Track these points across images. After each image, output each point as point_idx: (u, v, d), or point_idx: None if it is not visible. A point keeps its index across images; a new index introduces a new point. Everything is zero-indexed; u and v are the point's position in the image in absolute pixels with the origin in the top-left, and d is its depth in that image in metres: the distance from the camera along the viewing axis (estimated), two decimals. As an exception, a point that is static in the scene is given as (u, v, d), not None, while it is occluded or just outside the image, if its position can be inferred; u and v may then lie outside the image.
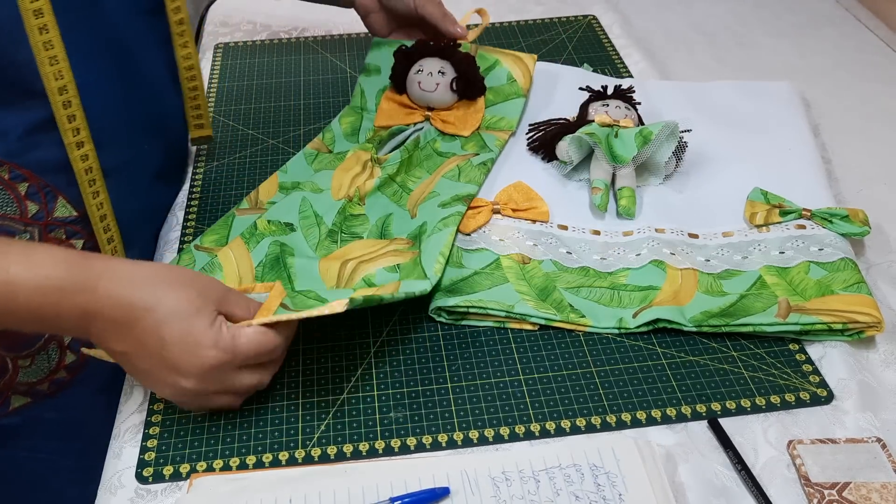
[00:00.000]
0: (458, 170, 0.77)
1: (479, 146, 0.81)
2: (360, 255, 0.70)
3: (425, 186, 0.76)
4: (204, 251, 0.70)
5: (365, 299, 0.57)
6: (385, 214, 0.74)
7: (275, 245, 0.70)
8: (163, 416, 0.59)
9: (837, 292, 0.64)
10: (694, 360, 0.62)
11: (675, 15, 1.08)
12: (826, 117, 0.87)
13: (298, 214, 0.73)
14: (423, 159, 0.80)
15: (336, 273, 0.68)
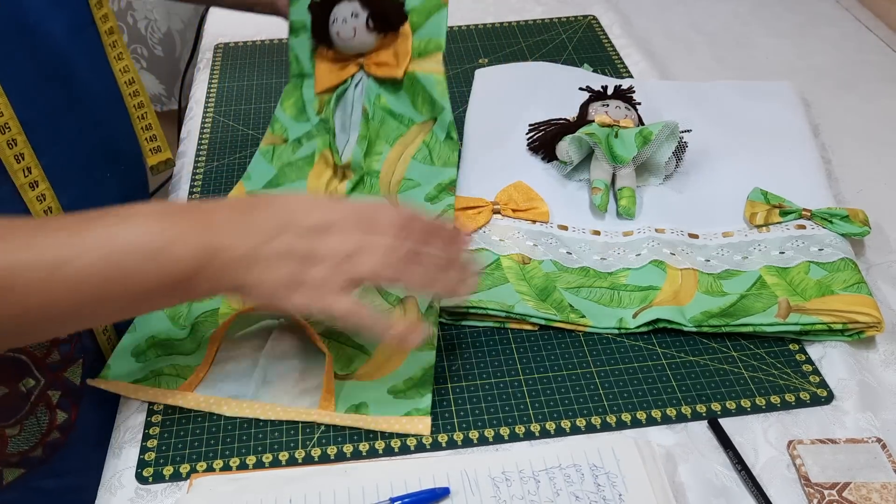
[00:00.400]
0: (427, 149, 0.77)
1: (425, 100, 0.78)
2: None
3: (393, 165, 0.76)
4: None
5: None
6: None
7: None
8: (163, 416, 0.59)
9: (837, 292, 0.64)
10: (694, 361, 0.62)
11: (675, 15, 1.08)
12: (826, 117, 0.87)
13: None
14: (378, 128, 0.79)
15: None
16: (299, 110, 0.83)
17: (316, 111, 0.81)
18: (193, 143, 0.86)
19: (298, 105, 0.83)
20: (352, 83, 0.81)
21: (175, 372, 0.61)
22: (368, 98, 0.80)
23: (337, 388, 0.59)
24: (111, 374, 0.61)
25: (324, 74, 0.81)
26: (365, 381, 0.60)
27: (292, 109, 0.83)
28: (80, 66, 0.64)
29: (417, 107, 0.79)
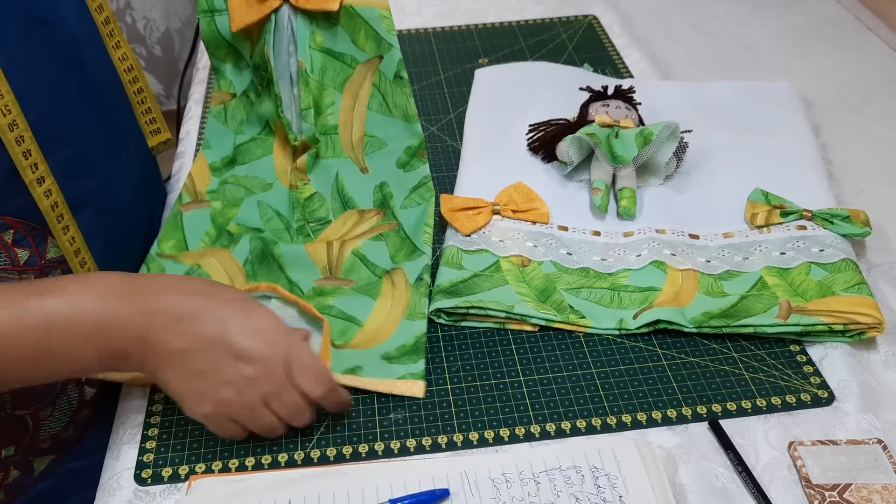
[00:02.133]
0: (379, 94, 0.73)
1: (368, 36, 0.73)
2: (340, 236, 0.70)
3: (349, 117, 0.73)
4: (169, 258, 0.68)
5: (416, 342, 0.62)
6: (332, 177, 0.72)
7: (256, 240, 0.69)
8: (161, 416, 0.59)
9: (838, 293, 0.64)
10: (694, 362, 0.62)
11: (675, 15, 1.08)
12: (827, 117, 0.86)
13: (262, 220, 0.72)
14: (320, 76, 0.73)
15: (325, 254, 0.68)
16: (236, 57, 0.77)
17: (249, 54, 0.76)
18: (192, 143, 0.86)
19: (231, 50, 0.77)
20: (276, 20, 0.73)
21: None
22: (301, 39, 0.73)
23: (332, 357, 0.60)
24: None
25: (239, 9, 0.74)
26: (360, 349, 0.62)
27: (230, 58, 0.77)
28: (90, 53, 0.65)
29: (359, 44, 0.73)
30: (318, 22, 0.73)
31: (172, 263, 0.68)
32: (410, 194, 0.70)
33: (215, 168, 0.74)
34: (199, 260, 0.68)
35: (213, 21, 0.76)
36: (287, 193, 0.73)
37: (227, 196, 0.73)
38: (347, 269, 0.68)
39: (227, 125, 0.75)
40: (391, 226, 0.69)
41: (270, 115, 0.75)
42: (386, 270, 0.67)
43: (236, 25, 0.74)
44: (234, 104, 0.76)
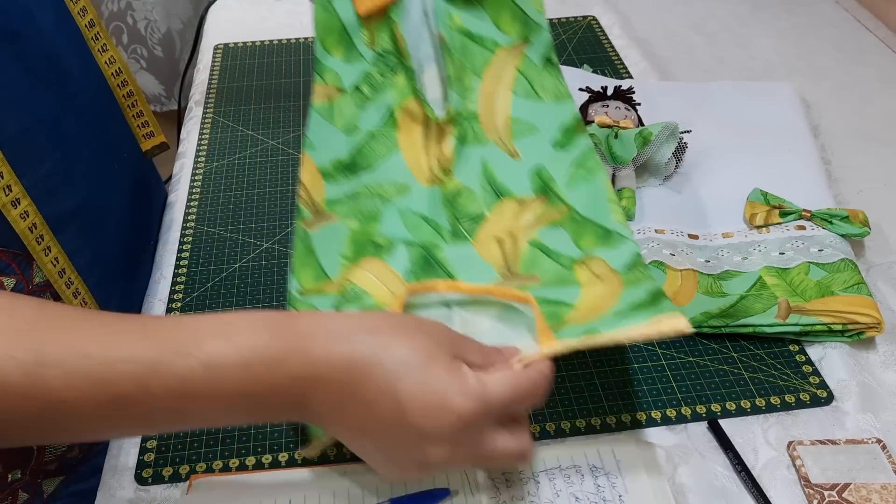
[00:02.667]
0: (525, 80, 0.65)
1: (514, 17, 0.66)
2: (505, 230, 0.60)
3: (490, 103, 0.65)
4: (315, 294, 0.58)
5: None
6: (478, 166, 0.63)
7: (415, 247, 0.59)
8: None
9: (837, 293, 0.64)
10: (694, 361, 0.62)
11: (674, 15, 1.08)
12: (826, 118, 0.87)
13: (408, 231, 0.62)
14: (460, 58, 0.66)
15: (498, 250, 0.59)
16: (347, 46, 0.68)
17: (366, 42, 0.68)
18: (193, 144, 0.86)
19: (343, 39, 0.68)
20: (409, 1, 0.67)
21: None
22: (440, 19, 0.66)
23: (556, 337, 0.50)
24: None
25: None
26: (581, 323, 0.52)
27: (339, 49, 0.68)
28: (70, 62, 0.62)
29: (502, 26, 0.66)
30: (456, 2, 0.66)
31: (321, 298, 0.57)
32: (575, 171, 0.61)
33: (327, 173, 0.64)
34: (353, 277, 0.58)
35: (331, 3, 0.68)
36: (428, 192, 0.63)
37: (363, 211, 0.63)
38: (528, 263, 0.58)
39: (335, 122, 0.66)
40: (560, 212, 0.60)
41: (396, 102, 0.66)
42: (575, 259, 0.57)
43: (364, 7, 0.67)
44: (344, 99, 0.67)
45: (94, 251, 0.63)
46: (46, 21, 0.59)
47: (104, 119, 0.67)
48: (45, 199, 0.57)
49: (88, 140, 0.63)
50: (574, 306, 0.53)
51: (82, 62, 0.64)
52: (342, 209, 0.63)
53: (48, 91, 0.59)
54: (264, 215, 0.76)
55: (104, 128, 0.66)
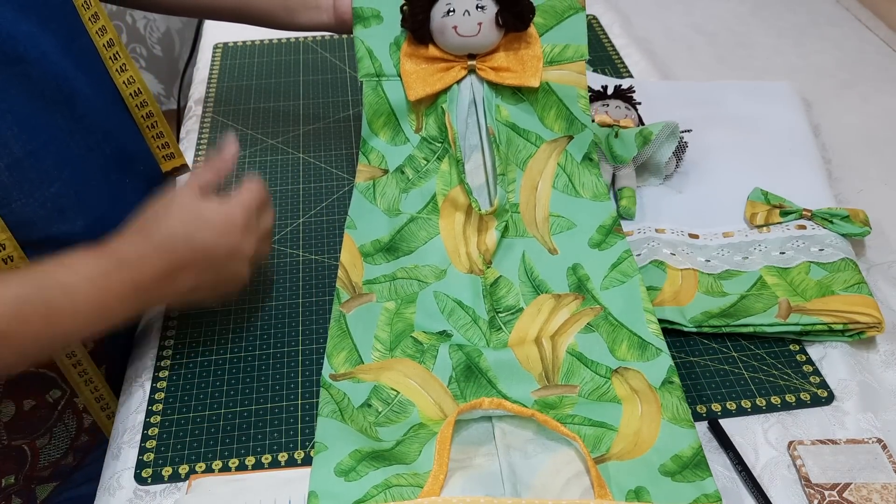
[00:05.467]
0: (565, 175, 0.68)
1: (560, 115, 0.69)
2: (541, 330, 0.62)
3: (531, 196, 0.67)
4: (346, 379, 0.59)
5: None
6: (518, 258, 0.66)
7: (457, 352, 0.60)
8: (162, 416, 0.59)
9: (838, 293, 0.64)
10: (694, 361, 0.62)
11: (675, 15, 1.08)
12: (826, 117, 0.86)
13: (444, 315, 0.63)
14: (505, 150, 0.68)
15: (538, 357, 0.60)
16: (394, 128, 0.70)
17: (413, 126, 0.70)
18: (193, 143, 0.86)
19: (391, 121, 0.70)
20: (459, 91, 0.69)
21: (407, 481, 0.52)
22: (488, 111, 0.68)
23: (604, 475, 0.53)
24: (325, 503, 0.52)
25: (418, 78, 0.69)
26: (627, 460, 0.54)
27: (386, 131, 0.70)
28: (80, 83, 0.62)
29: (547, 122, 0.69)
30: (504, 96, 0.69)
31: (351, 384, 0.59)
32: (610, 273, 0.63)
33: (367, 253, 0.66)
34: (392, 381, 0.59)
35: (381, 86, 0.70)
36: (466, 279, 0.65)
37: (400, 293, 0.64)
38: (566, 372, 0.59)
39: (376, 203, 0.68)
40: (595, 311, 0.62)
41: (440, 188, 0.68)
42: (612, 369, 0.59)
43: (414, 94, 0.68)
44: (386, 181, 0.69)
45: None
46: (54, 43, 0.59)
47: (118, 139, 0.66)
48: (55, 219, 0.58)
49: (100, 160, 0.63)
50: (617, 431, 0.55)
51: (94, 82, 0.64)
52: (380, 289, 0.65)
53: (55, 113, 0.58)
54: (264, 215, 0.76)
55: (118, 147, 0.66)
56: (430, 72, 0.69)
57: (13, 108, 0.54)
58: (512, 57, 0.68)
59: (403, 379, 0.59)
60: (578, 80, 0.69)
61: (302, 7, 0.75)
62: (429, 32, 0.68)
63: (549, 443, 0.55)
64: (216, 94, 0.93)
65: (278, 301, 0.68)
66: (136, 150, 0.69)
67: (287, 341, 0.64)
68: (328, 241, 0.73)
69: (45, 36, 0.57)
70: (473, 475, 0.53)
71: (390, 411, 0.58)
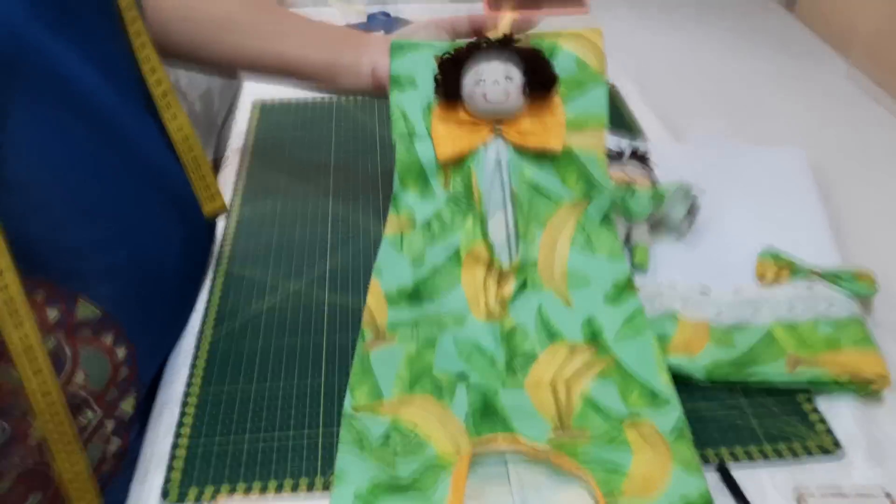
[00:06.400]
0: (584, 233, 0.71)
1: (580, 178, 0.72)
2: (555, 375, 0.65)
3: (550, 253, 0.71)
4: (366, 412, 0.62)
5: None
6: (534, 309, 0.69)
7: (474, 392, 0.63)
8: (189, 439, 0.61)
9: (845, 348, 0.66)
10: (703, 407, 0.64)
11: (691, 85, 1.13)
12: (836, 183, 0.90)
13: (462, 360, 0.66)
14: (527, 210, 0.72)
15: (552, 402, 0.63)
16: (423, 185, 0.74)
17: (441, 183, 0.74)
18: (229, 190, 0.90)
19: (421, 178, 0.74)
20: (485, 152, 0.73)
21: None
22: (513, 172, 0.72)
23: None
24: None
25: (448, 139, 0.73)
26: (638, 498, 0.56)
27: (415, 186, 0.74)
28: (135, 128, 0.66)
29: (569, 184, 0.72)
30: (528, 158, 0.73)
31: (371, 417, 0.62)
32: (622, 327, 0.66)
33: (391, 299, 0.70)
34: (410, 416, 0.62)
35: (413, 145, 0.74)
36: (483, 326, 0.68)
37: (421, 337, 0.68)
38: (579, 417, 0.62)
39: (403, 252, 0.72)
40: (608, 361, 0.65)
41: (464, 243, 0.72)
42: (624, 417, 0.61)
43: (444, 154, 0.73)
44: (414, 233, 0.73)
45: (143, 299, 0.66)
46: (114, 91, 0.63)
47: (165, 180, 0.70)
48: (101, 248, 0.62)
49: (148, 198, 0.67)
50: (627, 475, 0.57)
51: (148, 128, 0.68)
52: (402, 333, 0.68)
53: (111, 153, 0.62)
54: (293, 258, 0.80)
55: (164, 188, 0.70)
56: (459, 133, 0.73)
57: (77, 145, 0.59)
58: (536, 122, 0.73)
59: (422, 414, 0.62)
60: (598, 146, 0.73)
61: (343, 72, 0.81)
62: (460, 98, 0.73)
63: (562, 481, 0.57)
64: (253, 146, 0.98)
65: (304, 338, 0.71)
66: (181, 191, 0.73)
67: (311, 375, 0.67)
68: (353, 284, 0.77)
69: (107, 84, 0.62)
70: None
71: (408, 445, 0.60)
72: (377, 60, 0.79)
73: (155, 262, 0.68)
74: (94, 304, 0.62)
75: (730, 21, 1.33)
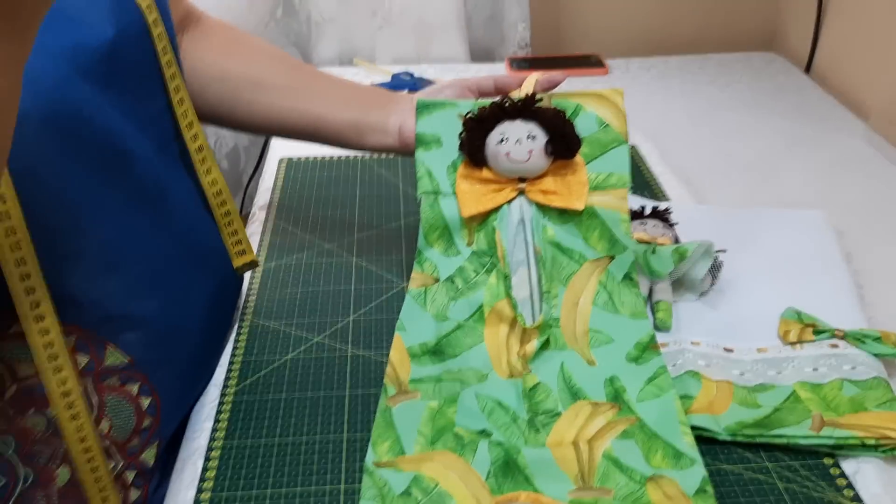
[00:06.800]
0: (605, 292, 0.72)
1: (602, 236, 0.73)
2: (578, 433, 0.65)
3: (572, 312, 0.72)
4: (388, 467, 0.62)
5: None
6: (557, 367, 0.69)
7: (496, 448, 0.63)
8: (211, 493, 0.61)
9: (870, 409, 0.65)
10: (728, 469, 0.63)
11: (711, 148, 1.14)
12: (858, 245, 0.90)
13: (484, 414, 0.66)
14: (550, 268, 0.73)
15: (574, 459, 0.62)
16: (447, 241, 0.76)
17: (465, 240, 0.75)
18: (255, 245, 0.92)
19: (445, 234, 0.75)
20: (508, 211, 0.74)
21: None
22: (536, 230, 0.73)
23: None
24: None
25: (472, 197, 0.74)
26: None
27: (440, 243, 0.76)
28: (170, 183, 0.68)
29: (591, 242, 0.73)
30: (551, 216, 0.74)
31: (393, 473, 0.62)
32: (645, 386, 0.67)
33: (414, 354, 0.71)
34: (432, 472, 0.62)
35: (437, 202, 0.76)
36: (506, 384, 0.68)
37: (444, 393, 0.68)
38: (602, 475, 0.61)
39: (426, 308, 0.73)
40: (630, 421, 0.65)
41: (487, 300, 0.73)
42: (647, 477, 0.61)
43: (468, 212, 0.74)
44: (437, 289, 0.74)
45: (170, 350, 0.67)
46: (151, 146, 0.66)
47: (197, 233, 0.72)
48: (132, 297, 0.63)
49: (179, 251, 0.68)
50: None
51: (182, 182, 0.71)
52: (425, 388, 0.68)
53: (146, 208, 0.64)
54: (317, 312, 0.81)
55: (196, 241, 0.71)
56: (483, 192, 0.74)
57: (112, 196, 0.61)
58: (559, 182, 0.74)
59: (443, 470, 0.62)
60: (621, 206, 0.75)
61: (370, 130, 0.83)
62: (484, 157, 0.74)
63: None
64: (279, 202, 1.00)
65: (326, 392, 0.71)
66: (213, 245, 0.75)
67: (333, 429, 0.67)
68: (375, 338, 0.77)
69: (145, 138, 0.64)
70: None
71: (429, 500, 0.60)
72: (404, 119, 0.82)
73: (183, 314, 0.69)
74: (122, 351, 0.63)
75: (748, 83, 1.35)
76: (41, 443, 0.60)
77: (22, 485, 0.60)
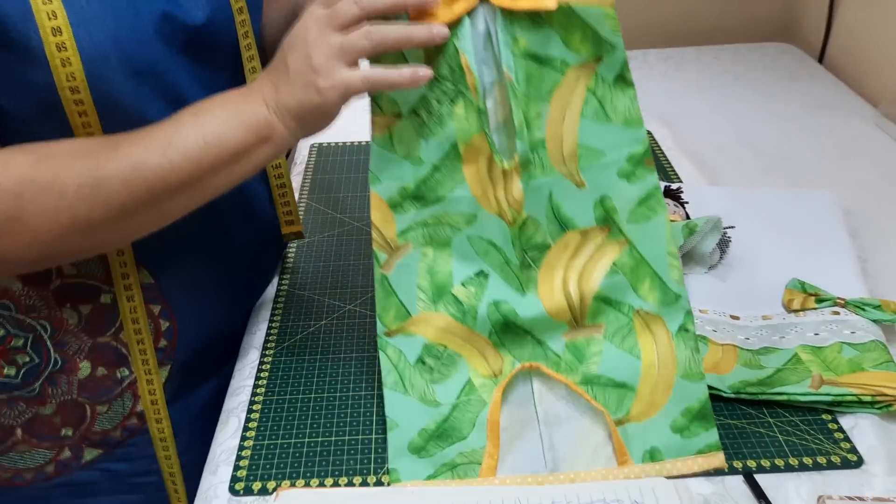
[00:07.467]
0: (595, 99, 0.64)
1: (585, 37, 0.63)
2: (565, 270, 0.66)
3: (558, 129, 0.64)
4: (400, 334, 0.66)
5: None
6: (545, 198, 0.65)
7: (494, 312, 0.66)
8: (253, 441, 0.67)
9: (867, 369, 0.69)
10: (732, 423, 0.68)
11: (724, 131, 1.18)
12: (864, 222, 0.94)
13: (480, 257, 0.67)
14: (526, 86, 0.63)
15: (566, 306, 0.66)
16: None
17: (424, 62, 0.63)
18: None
19: (399, 62, 0.62)
20: (471, 24, 0.62)
21: (467, 459, 0.63)
22: (504, 45, 0.62)
23: (623, 436, 0.62)
24: (402, 476, 0.63)
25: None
26: (643, 421, 0.63)
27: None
28: None
29: (573, 46, 0.63)
30: (521, 24, 0.62)
31: (405, 338, 0.66)
32: (637, 207, 0.64)
33: (395, 203, 0.66)
34: (439, 338, 0.66)
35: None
36: (496, 222, 0.66)
37: (435, 237, 0.66)
38: (593, 314, 0.66)
39: (396, 151, 0.65)
40: (620, 244, 0.65)
41: (460, 136, 0.64)
42: (635, 309, 0.64)
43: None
44: (402, 126, 0.65)
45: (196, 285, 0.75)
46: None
47: (250, 198, 0.79)
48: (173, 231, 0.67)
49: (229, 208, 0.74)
50: (636, 392, 0.64)
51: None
52: (414, 236, 0.67)
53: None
54: (348, 282, 0.86)
55: (247, 205, 0.79)
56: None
57: None
58: None
59: (449, 336, 0.67)
60: (603, 0, 0.62)
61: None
62: None
63: (578, 408, 0.65)
64: (311, 184, 1.06)
65: (358, 353, 0.77)
66: (263, 209, 0.82)
67: (364, 386, 0.73)
68: (403, 308, 0.83)
69: None
70: (517, 444, 0.64)
71: (442, 366, 0.66)
72: None
73: (220, 260, 0.76)
74: (148, 272, 0.71)
75: (762, 72, 1.39)
76: (71, 334, 0.70)
77: (52, 367, 0.71)
